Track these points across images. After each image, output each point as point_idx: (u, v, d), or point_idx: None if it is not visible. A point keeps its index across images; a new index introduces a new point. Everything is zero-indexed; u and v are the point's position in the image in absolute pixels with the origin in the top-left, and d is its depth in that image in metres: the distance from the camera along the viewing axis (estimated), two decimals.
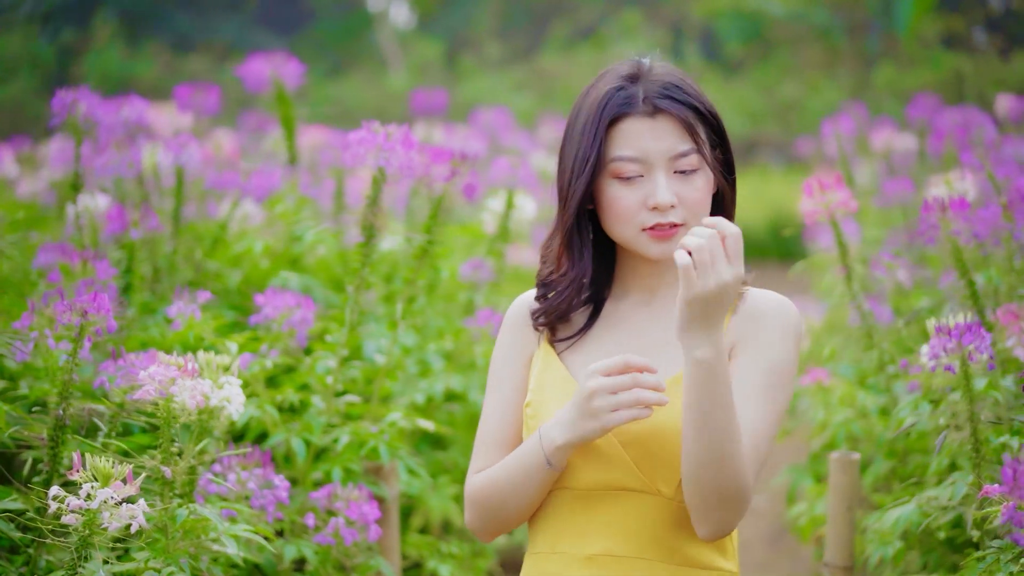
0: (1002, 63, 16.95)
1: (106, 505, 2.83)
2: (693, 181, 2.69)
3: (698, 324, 2.51)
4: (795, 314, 2.74)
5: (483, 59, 18.82)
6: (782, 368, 2.69)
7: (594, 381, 2.54)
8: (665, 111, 2.67)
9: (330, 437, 3.98)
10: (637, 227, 2.71)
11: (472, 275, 5.24)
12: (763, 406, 2.66)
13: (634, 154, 2.68)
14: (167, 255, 4.93)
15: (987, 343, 3.40)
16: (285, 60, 5.64)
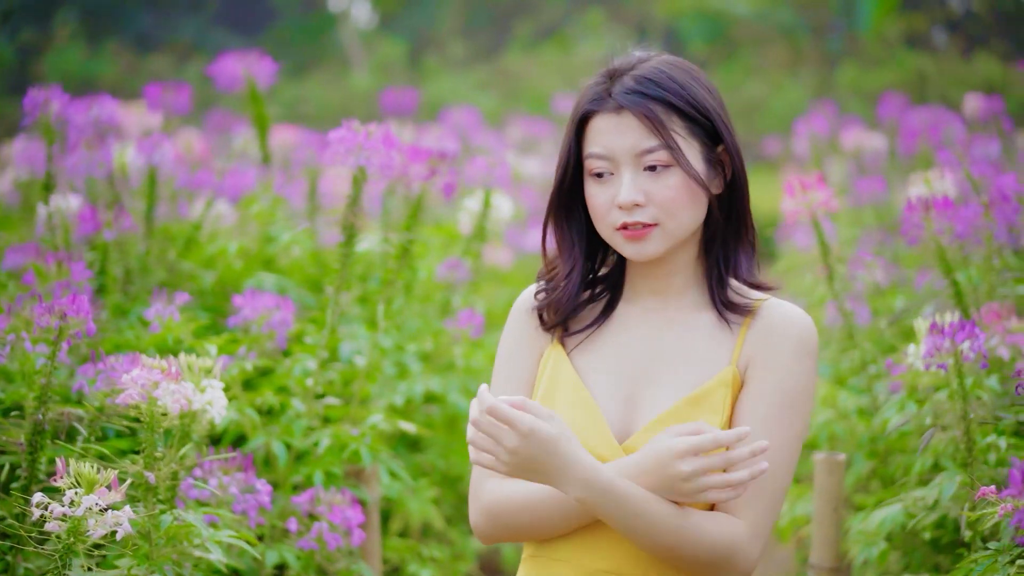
0: (964, 63, 17.01)
1: (91, 512, 2.77)
2: (664, 178, 2.62)
3: (533, 478, 2.51)
4: (811, 332, 2.67)
5: (446, 59, 18.76)
6: (797, 392, 2.63)
7: (688, 464, 2.48)
8: (628, 107, 2.62)
9: (311, 440, 3.92)
10: (610, 226, 2.67)
11: (448, 275, 5.19)
12: (776, 435, 2.60)
13: (601, 151, 2.64)
14: (140, 256, 4.86)
15: (981, 342, 3.38)
16: (257, 59, 5.57)
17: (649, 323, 2.74)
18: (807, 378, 2.64)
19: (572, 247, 2.75)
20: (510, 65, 17.37)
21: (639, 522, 2.50)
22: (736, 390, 2.64)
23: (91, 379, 3.45)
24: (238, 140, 6.71)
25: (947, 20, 21.18)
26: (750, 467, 2.48)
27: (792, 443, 2.60)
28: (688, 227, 2.67)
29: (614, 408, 2.67)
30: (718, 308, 2.70)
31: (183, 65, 17.58)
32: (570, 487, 2.51)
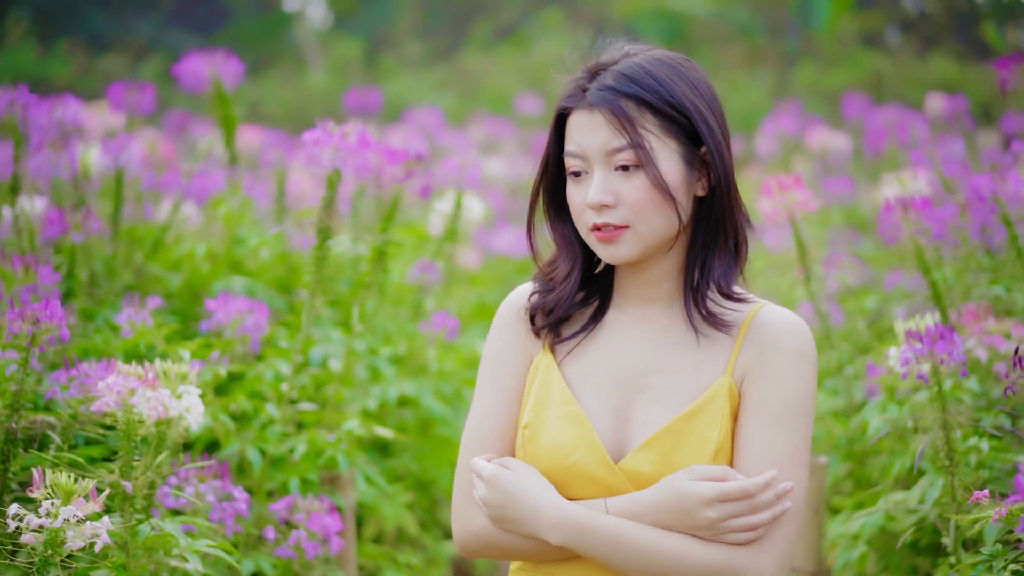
0: (919, 62, 17.07)
1: (69, 523, 2.70)
2: (634, 179, 2.55)
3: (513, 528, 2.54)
4: (808, 338, 2.59)
5: (403, 58, 18.67)
6: (799, 400, 2.56)
7: (715, 511, 2.46)
8: (600, 105, 2.54)
9: (286, 447, 3.86)
10: (585, 227, 2.60)
11: (420, 277, 5.13)
12: (784, 446, 2.53)
13: (575, 149, 2.58)
14: (106, 259, 4.78)
15: (959, 348, 3.35)
16: (223, 58, 5.49)
17: (641, 332, 2.66)
18: (807, 384, 2.57)
19: (572, 246, 2.69)
20: (468, 65, 17.30)
21: (628, 553, 2.47)
22: (734, 402, 2.57)
23: (64, 386, 3.37)
24: (202, 141, 6.63)
25: (901, 20, 21.28)
26: (773, 509, 2.46)
27: (801, 452, 2.54)
28: (662, 231, 2.58)
29: (605, 423, 2.60)
30: (691, 319, 2.61)
31: (138, 65, 17.41)
32: (546, 533, 2.50)
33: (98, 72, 16.92)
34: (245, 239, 4.95)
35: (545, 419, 2.61)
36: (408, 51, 18.92)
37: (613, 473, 2.55)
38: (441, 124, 8.77)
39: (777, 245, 5.80)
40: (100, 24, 19.19)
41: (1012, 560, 2.78)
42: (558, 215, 2.70)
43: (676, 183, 2.57)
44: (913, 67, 16.74)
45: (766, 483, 2.45)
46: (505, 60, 17.07)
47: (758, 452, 2.51)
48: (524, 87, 14.77)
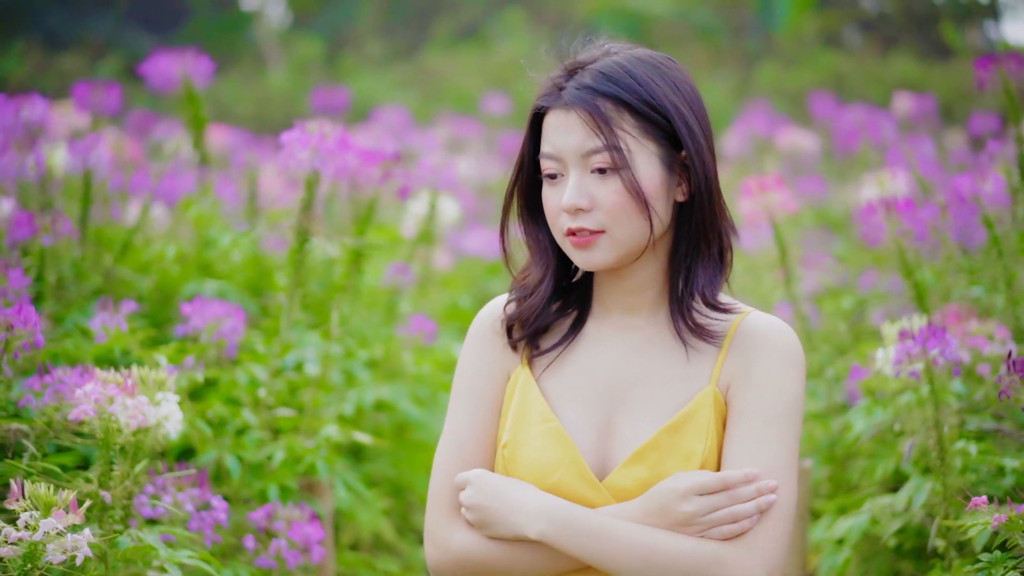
0: (880, 62, 17.13)
1: (49, 536, 2.62)
2: (610, 182, 2.45)
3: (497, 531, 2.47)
4: (794, 342, 2.52)
5: (364, 57, 18.57)
6: (785, 404, 2.47)
7: (692, 504, 2.39)
8: (576, 104, 2.46)
9: (264, 453, 3.78)
10: (560, 231, 2.51)
11: (394, 280, 5.06)
12: (773, 451, 2.45)
13: (551, 151, 2.49)
14: (75, 262, 4.68)
15: (952, 348, 3.32)
16: (193, 58, 5.40)
17: (623, 343, 2.57)
18: (794, 389, 2.49)
19: (545, 251, 2.60)
20: (430, 64, 17.22)
21: (608, 546, 2.39)
22: (721, 412, 2.48)
23: (37, 393, 3.28)
24: (168, 141, 6.53)
25: (860, 20, 21.35)
26: (756, 501, 2.39)
27: (790, 458, 2.46)
28: (638, 236, 2.49)
29: (588, 439, 2.51)
30: (678, 331, 2.53)
31: (95, 64, 17.24)
32: (529, 524, 2.42)
33: (55, 71, 16.74)
34: (216, 241, 4.86)
35: (525, 437, 2.53)
36: (369, 50, 18.82)
37: (597, 491, 2.47)
38: (408, 124, 8.69)
39: (750, 246, 5.75)
40: (57, 23, 19.00)
41: (1012, 567, 2.74)
42: (532, 218, 2.61)
43: (654, 187, 2.48)
44: (874, 67, 16.78)
45: (745, 475, 2.39)
46: (467, 60, 17.00)
47: (746, 459, 2.43)
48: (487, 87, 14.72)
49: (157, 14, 20.75)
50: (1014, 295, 4.35)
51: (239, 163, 5.64)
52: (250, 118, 14.69)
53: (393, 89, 15.97)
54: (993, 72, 4.68)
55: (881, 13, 21.52)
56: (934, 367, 3.34)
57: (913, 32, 20.23)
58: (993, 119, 8.44)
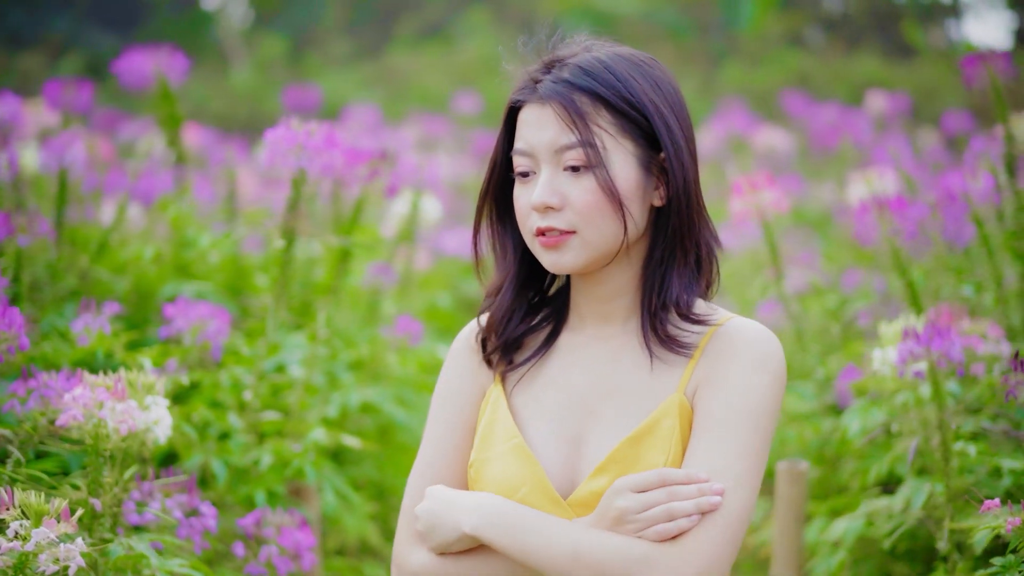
0: (845, 62, 17.17)
1: (41, 546, 2.54)
2: (583, 181, 2.35)
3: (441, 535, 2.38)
4: (770, 348, 2.37)
5: (329, 56, 18.46)
6: (750, 410, 2.32)
7: (624, 500, 2.27)
8: (551, 98, 2.36)
9: (251, 457, 3.70)
10: (530, 231, 2.41)
11: (376, 280, 4.97)
12: (725, 456, 2.29)
13: (524, 147, 2.40)
14: (50, 263, 4.58)
15: (957, 348, 3.27)
16: (169, 54, 5.30)
17: (595, 353, 2.47)
18: (763, 395, 2.34)
19: (505, 254, 2.51)
20: (395, 63, 17.13)
21: (537, 540, 2.29)
22: (688, 420, 2.36)
23: (22, 398, 3.18)
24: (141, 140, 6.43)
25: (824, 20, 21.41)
26: (697, 501, 2.25)
27: (751, 467, 2.30)
28: (611, 239, 2.38)
29: (557, 455, 2.41)
30: (645, 340, 2.41)
31: (56, 62, 17.07)
32: (465, 519, 2.33)
33: (16, 71, 16.57)
34: (195, 241, 4.77)
35: (490, 455, 2.44)
36: (333, 49, 18.72)
37: (560, 507, 2.37)
38: (380, 123, 8.61)
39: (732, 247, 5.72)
40: (17, 21, 18.80)
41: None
42: (500, 221, 2.52)
43: (629, 188, 2.38)
44: (839, 66, 16.81)
45: (687, 475, 2.26)
46: (432, 58, 16.92)
47: (697, 462, 2.30)
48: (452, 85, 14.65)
49: (117, 13, 20.59)
50: (1003, 294, 4.32)
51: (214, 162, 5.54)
52: (214, 117, 14.56)
53: (358, 88, 15.87)
54: (980, 70, 4.64)
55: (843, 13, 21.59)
56: (938, 367, 3.29)
57: (875, 32, 20.30)
58: (966, 117, 8.45)
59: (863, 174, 4.77)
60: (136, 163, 5.55)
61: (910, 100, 8.51)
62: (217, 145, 7.43)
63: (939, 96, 14.54)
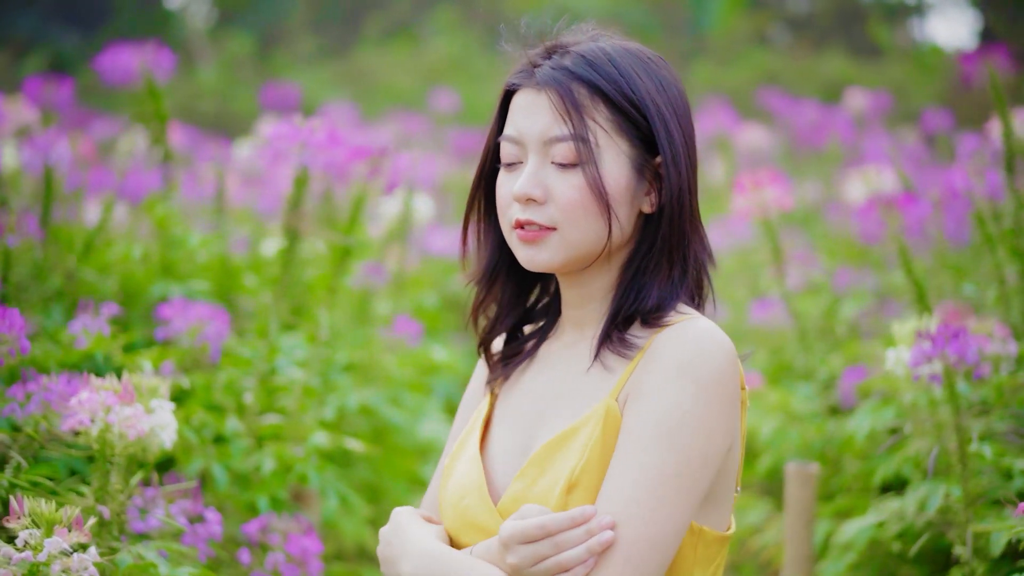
0: (814, 61, 17.19)
1: (54, 556, 2.45)
2: (571, 176, 2.24)
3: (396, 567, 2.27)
4: (700, 353, 2.17)
5: (296, 54, 18.34)
6: (670, 422, 2.14)
7: (514, 555, 2.13)
8: (548, 85, 2.24)
9: (252, 462, 3.60)
10: (509, 222, 2.30)
11: (367, 280, 4.88)
12: (636, 473, 2.13)
13: (513, 133, 2.29)
14: (36, 262, 4.47)
15: (973, 349, 3.22)
16: (154, 50, 5.19)
17: (562, 360, 2.37)
18: (683, 407, 2.15)
19: (486, 239, 2.42)
20: (363, 61, 17.03)
21: None
22: (615, 427, 2.21)
23: (22, 402, 3.08)
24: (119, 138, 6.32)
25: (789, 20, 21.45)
26: (587, 545, 2.11)
27: (665, 482, 2.14)
28: (592, 240, 2.27)
29: (512, 462, 2.32)
30: (598, 344, 2.29)
31: (19, 61, 16.89)
32: (404, 562, 2.24)
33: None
34: (184, 240, 4.66)
35: (455, 464, 2.38)
36: (300, 47, 18.59)
37: (492, 515, 2.28)
38: (356, 121, 8.52)
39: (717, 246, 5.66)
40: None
41: None
42: (488, 212, 2.42)
43: (618, 189, 2.26)
44: (808, 65, 16.83)
45: (571, 518, 2.12)
46: (401, 57, 16.83)
47: (611, 481, 2.16)
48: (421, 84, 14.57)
49: (80, 11, 20.41)
50: (1006, 292, 4.28)
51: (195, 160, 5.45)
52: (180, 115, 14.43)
53: (326, 86, 15.76)
54: (981, 67, 4.61)
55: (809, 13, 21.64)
56: (953, 370, 3.23)
57: (840, 32, 20.35)
58: (946, 116, 8.44)
59: (861, 172, 4.73)
60: (121, 161, 5.44)
61: (890, 98, 8.49)
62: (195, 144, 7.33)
63: (907, 95, 14.58)
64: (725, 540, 2.28)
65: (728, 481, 2.27)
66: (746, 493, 4.77)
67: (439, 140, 9.54)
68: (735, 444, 2.25)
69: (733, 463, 2.27)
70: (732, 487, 2.29)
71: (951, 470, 3.37)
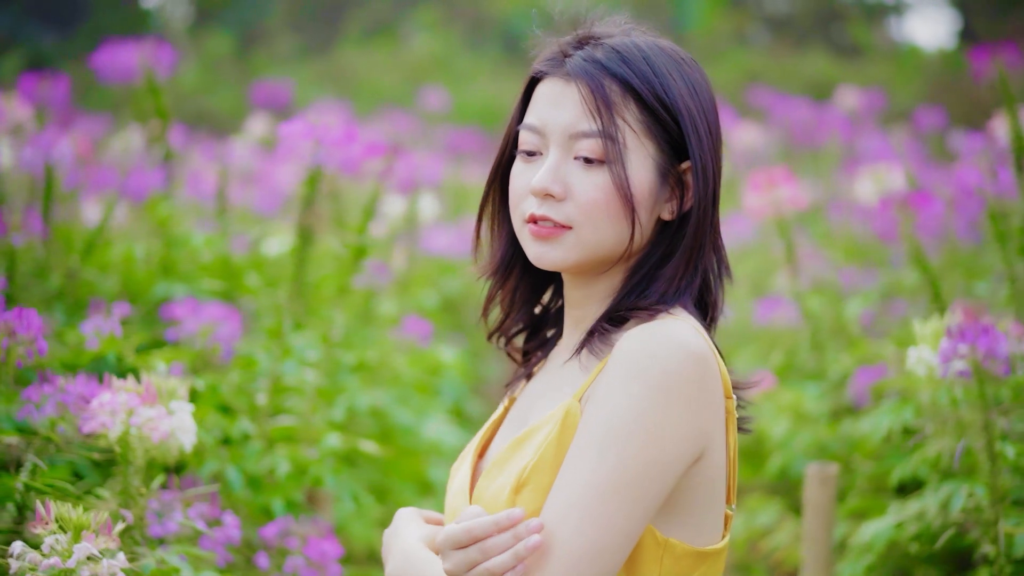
0: (796, 60, 17.22)
1: (83, 562, 2.39)
2: (594, 175, 2.13)
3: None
4: (648, 353, 2.06)
5: (276, 54, 18.26)
6: (615, 420, 2.03)
7: (448, 561, 2.06)
8: (579, 76, 2.14)
9: (266, 465, 3.55)
10: (522, 216, 2.19)
11: (370, 280, 4.83)
12: (585, 471, 2.03)
13: (535, 122, 2.18)
14: (37, 262, 4.41)
15: (1004, 345, 3.18)
16: (154, 47, 5.12)
17: (558, 361, 2.31)
18: (633, 407, 2.03)
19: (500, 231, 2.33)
20: (344, 60, 16.96)
21: None
22: (574, 428, 2.12)
23: (38, 404, 3.02)
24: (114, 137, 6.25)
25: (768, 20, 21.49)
26: (514, 550, 2.02)
27: (598, 490, 2.03)
28: (610, 244, 2.18)
29: None
30: (581, 345, 2.22)
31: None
32: (390, 560, 2.21)
33: None
34: (187, 239, 4.60)
35: (460, 465, 2.34)
36: (280, 46, 18.52)
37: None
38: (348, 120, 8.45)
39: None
40: None
41: None
42: (504, 203, 2.31)
43: (642, 193, 2.16)
44: (789, 65, 16.85)
45: (495, 523, 2.03)
46: (382, 56, 16.78)
47: (555, 486, 2.07)
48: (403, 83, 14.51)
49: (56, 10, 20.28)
50: (1018, 290, 4.25)
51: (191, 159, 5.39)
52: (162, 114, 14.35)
53: (308, 85, 15.69)
54: (993, 63, 4.58)
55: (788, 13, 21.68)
56: (982, 367, 3.19)
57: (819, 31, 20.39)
58: (939, 114, 8.44)
59: (871, 171, 4.69)
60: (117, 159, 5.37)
61: (883, 97, 8.47)
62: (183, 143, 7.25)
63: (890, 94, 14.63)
64: (704, 556, 2.14)
65: (706, 492, 2.14)
66: (756, 494, 4.73)
67: (429, 139, 9.49)
68: (711, 453, 2.12)
69: (711, 473, 2.13)
70: (715, 499, 2.16)
71: (972, 470, 3.34)
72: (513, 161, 2.27)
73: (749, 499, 4.65)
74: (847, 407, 4.43)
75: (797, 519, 4.45)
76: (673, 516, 2.12)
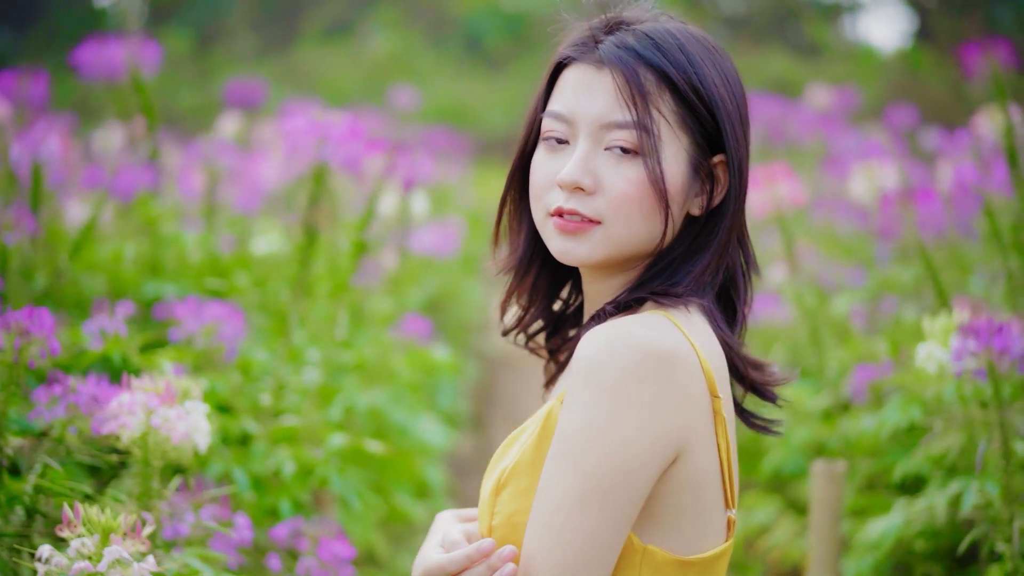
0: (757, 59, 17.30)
1: (112, 565, 2.34)
2: (626, 168, 2.03)
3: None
4: (600, 355, 1.96)
5: (234, 52, 18.16)
6: (572, 431, 1.96)
7: None
8: (613, 64, 2.04)
9: (271, 465, 3.50)
10: (545, 209, 2.09)
11: (363, 279, 4.79)
12: (552, 486, 1.97)
13: (562, 110, 2.08)
14: (25, 260, 4.33)
15: (1019, 343, 3.18)
16: (141, 44, 5.06)
17: None
18: (588, 413, 1.94)
19: (520, 226, 2.24)
20: (303, 59, 16.89)
21: None
22: (553, 430, 2.06)
23: (48, 404, 2.96)
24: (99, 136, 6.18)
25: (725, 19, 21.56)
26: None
27: (563, 506, 1.96)
28: (640, 239, 2.09)
29: None
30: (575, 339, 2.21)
31: None
32: (417, 563, 2.15)
33: None
34: (176, 239, 4.55)
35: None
36: (238, 45, 18.41)
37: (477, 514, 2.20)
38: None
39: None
40: None
41: None
42: (523, 191, 2.21)
43: (675, 188, 2.06)
44: (750, 63, 16.91)
45: (467, 558, 2.02)
46: (341, 55, 16.72)
47: (534, 502, 2.01)
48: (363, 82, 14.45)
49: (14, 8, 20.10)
50: (1014, 286, 4.26)
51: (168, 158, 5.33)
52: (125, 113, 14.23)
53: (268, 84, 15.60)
54: (982, 60, 4.59)
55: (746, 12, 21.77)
56: (996, 364, 3.18)
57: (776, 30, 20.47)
58: (912, 112, 8.47)
59: (864, 168, 4.69)
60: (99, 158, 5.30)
61: (856, 95, 8.50)
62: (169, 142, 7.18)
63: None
64: (689, 565, 2.05)
65: (690, 497, 2.04)
66: (752, 492, 4.72)
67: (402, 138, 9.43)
68: (690, 456, 2.02)
69: (694, 477, 2.03)
70: (703, 505, 2.05)
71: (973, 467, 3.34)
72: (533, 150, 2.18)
73: (746, 497, 4.63)
74: (842, 404, 4.42)
75: (795, 517, 4.44)
76: (652, 522, 2.03)
